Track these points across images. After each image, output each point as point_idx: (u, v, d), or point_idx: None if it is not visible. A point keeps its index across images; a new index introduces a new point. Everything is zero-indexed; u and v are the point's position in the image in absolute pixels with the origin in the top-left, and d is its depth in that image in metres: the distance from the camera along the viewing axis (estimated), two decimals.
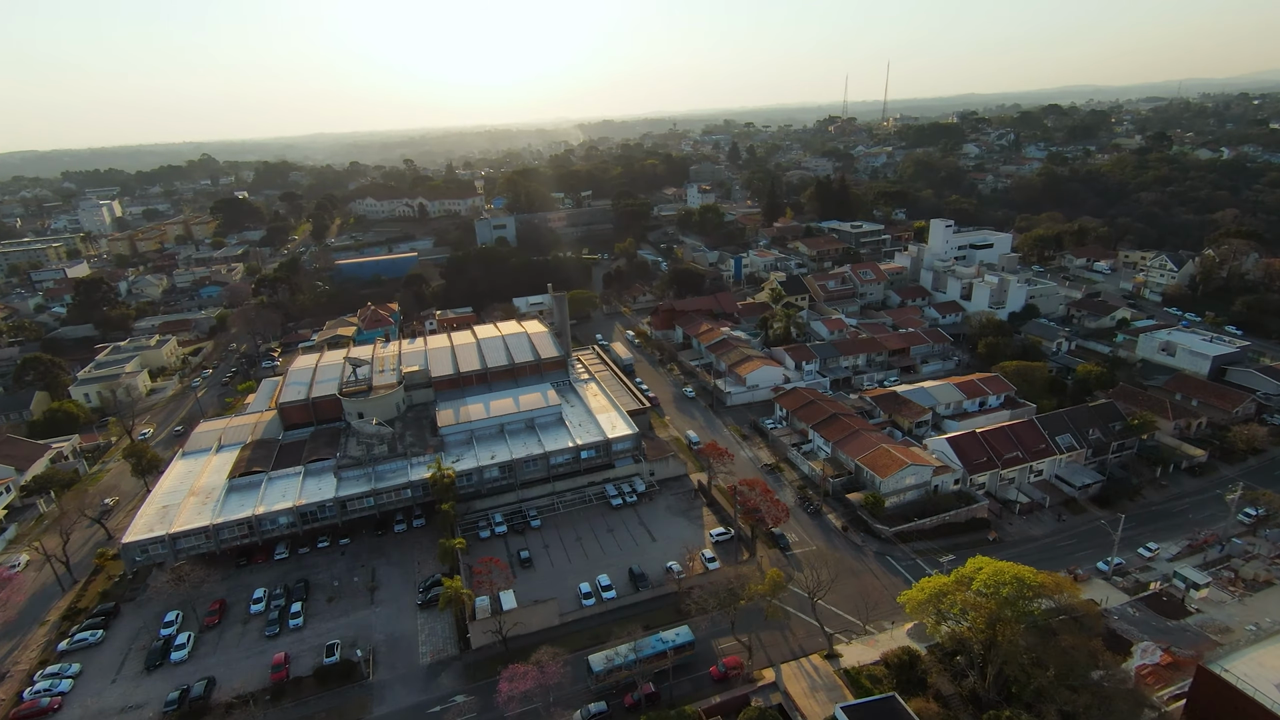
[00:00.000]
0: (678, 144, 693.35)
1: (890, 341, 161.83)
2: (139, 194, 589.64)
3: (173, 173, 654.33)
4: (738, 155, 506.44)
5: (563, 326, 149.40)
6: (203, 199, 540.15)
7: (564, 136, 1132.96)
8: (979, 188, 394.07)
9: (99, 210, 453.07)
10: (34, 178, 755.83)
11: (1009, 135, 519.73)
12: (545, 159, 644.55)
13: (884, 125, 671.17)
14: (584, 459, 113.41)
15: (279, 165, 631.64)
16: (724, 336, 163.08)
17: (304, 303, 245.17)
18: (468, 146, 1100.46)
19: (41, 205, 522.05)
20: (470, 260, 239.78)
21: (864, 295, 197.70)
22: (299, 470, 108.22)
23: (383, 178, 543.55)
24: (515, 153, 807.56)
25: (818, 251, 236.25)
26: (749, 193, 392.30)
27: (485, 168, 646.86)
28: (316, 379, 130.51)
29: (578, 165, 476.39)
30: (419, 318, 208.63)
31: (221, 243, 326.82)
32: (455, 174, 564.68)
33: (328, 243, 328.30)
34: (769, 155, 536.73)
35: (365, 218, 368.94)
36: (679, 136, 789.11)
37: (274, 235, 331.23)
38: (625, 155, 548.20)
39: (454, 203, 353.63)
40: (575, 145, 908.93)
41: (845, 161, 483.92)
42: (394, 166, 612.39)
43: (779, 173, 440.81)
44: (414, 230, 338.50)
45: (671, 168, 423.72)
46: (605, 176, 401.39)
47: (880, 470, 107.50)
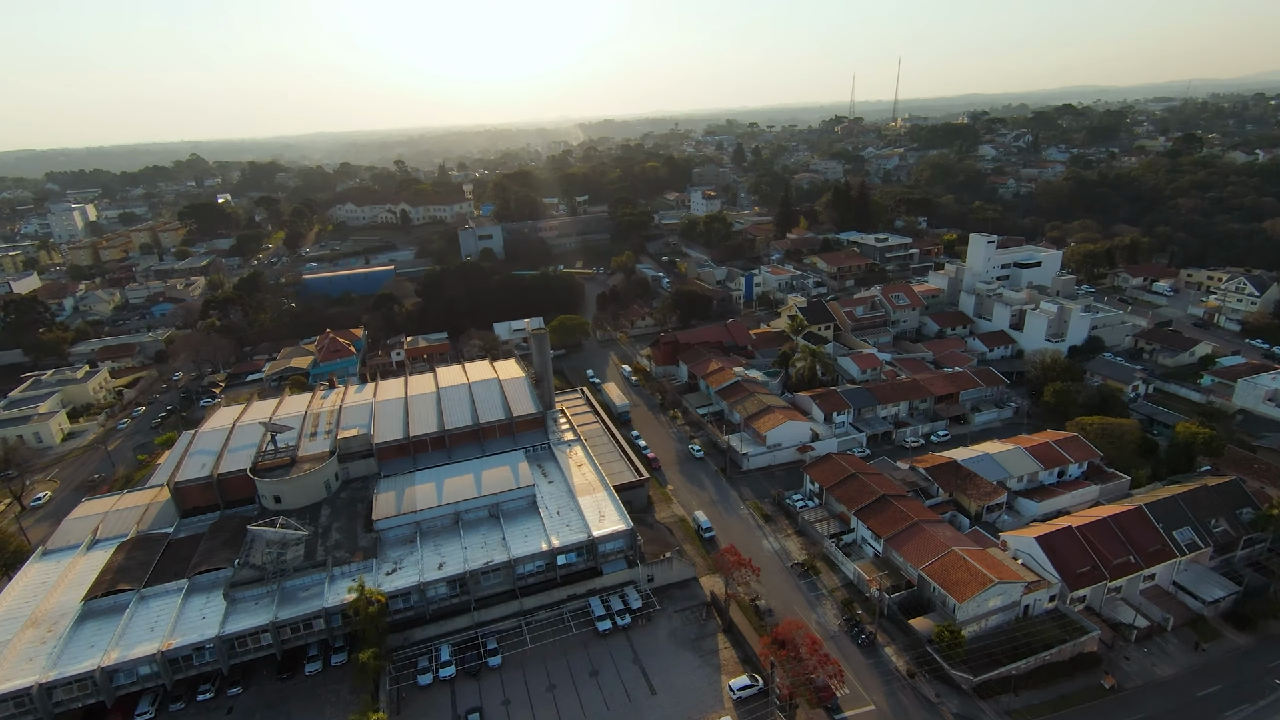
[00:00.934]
0: (679, 144, 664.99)
1: (936, 385, 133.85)
2: (120, 196, 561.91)
3: (157, 173, 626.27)
4: (743, 157, 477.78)
5: (543, 371, 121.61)
6: (184, 202, 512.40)
7: (564, 136, 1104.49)
8: (1000, 192, 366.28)
9: (70, 214, 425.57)
10: (17, 178, 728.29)
11: (1026, 136, 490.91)
12: (543, 160, 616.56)
13: (892, 126, 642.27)
14: (562, 564, 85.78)
15: (266, 166, 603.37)
16: (737, 378, 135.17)
17: (265, 324, 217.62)
18: (467, 146, 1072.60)
19: (15, 208, 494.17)
20: (449, 277, 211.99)
21: (897, 323, 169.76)
22: (181, 586, 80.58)
23: (372, 179, 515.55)
24: (513, 153, 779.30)
25: (838, 268, 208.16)
26: (756, 198, 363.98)
27: (480, 169, 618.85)
28: (230, 445, 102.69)
29: (574, 167, 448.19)
30: (385, 346, 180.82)
31: (187, 252, 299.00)
32: (448, 175, 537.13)
33: (302, 252, 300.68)
34: (775, 157, 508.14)
35: (345, 225, 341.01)
36: (681, 137, 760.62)
37: (245, 244, 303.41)
38: (625, 157, 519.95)
39: (440, 209, 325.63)
40: (575, 145, 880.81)
41: (856, 164, 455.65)
42: (385, 168, 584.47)
43: (787, 176, 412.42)
44: (397, 239, 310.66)
45: (673, 170, 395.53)
46: (603, 180, 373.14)
47: (955, 589, 79.71)
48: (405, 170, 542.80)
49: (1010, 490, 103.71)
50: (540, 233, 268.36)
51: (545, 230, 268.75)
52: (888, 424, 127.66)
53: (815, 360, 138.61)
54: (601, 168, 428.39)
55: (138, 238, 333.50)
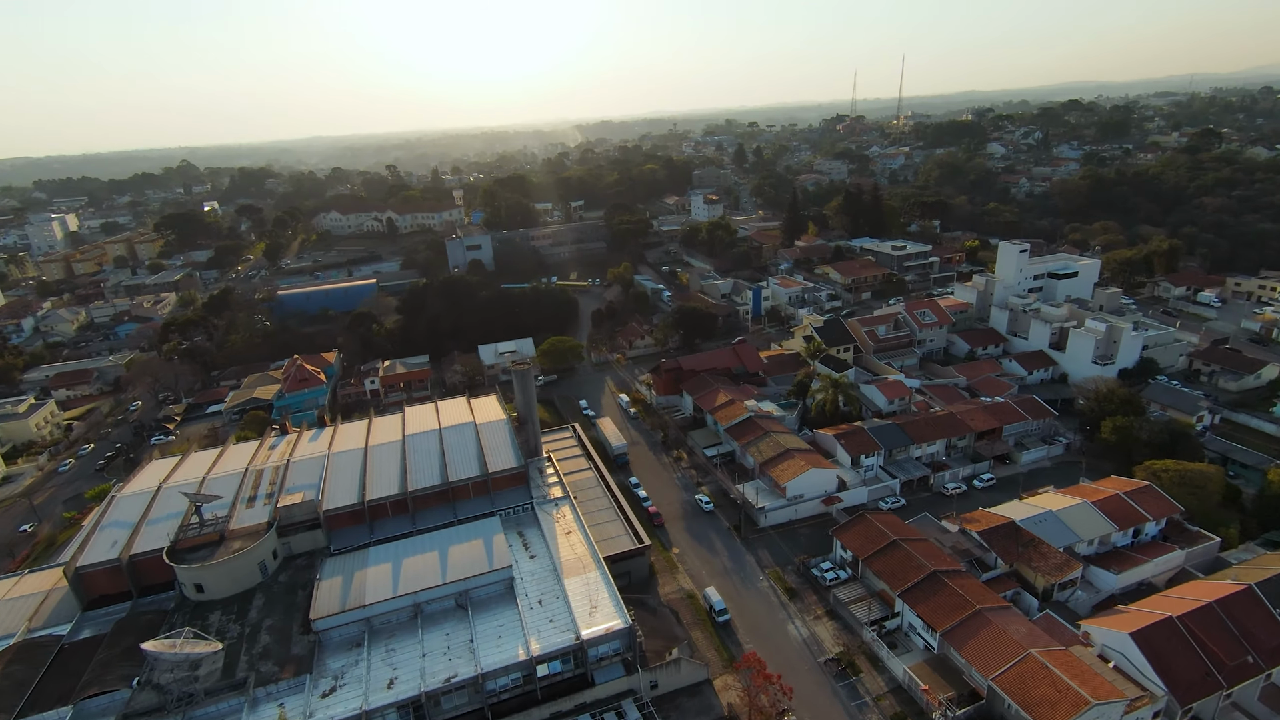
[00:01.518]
0: (678, 146, 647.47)
1: (976, 419, 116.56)
2: (106, 205, 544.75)
3: (145, 181, 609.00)
4: (744, 158, 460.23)
5: (527, 413, 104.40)
6: (169, 210, 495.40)
7: (561, 138, 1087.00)
8: (1013, 192, 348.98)
9: (49, 225, 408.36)
10: (5, 186, 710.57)
11: (1035, 133, 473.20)
12: (539, 163, 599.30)
13: (896, 124, 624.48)
14: (544, 675, 68.64)
15: (256, 172, 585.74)
16: (749, 414, 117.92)
17: (235, 345, 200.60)
18: (463, 149, 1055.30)
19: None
20: (431, 293, 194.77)
21: (923, 343, 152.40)
22: (63, 717, 63.45)
23: (362, 185, 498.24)
24: (509, 156, 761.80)
25: (852, 279, 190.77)
26: (760, 201, 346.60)
27: (475, 172, 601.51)
28: (150, 514, 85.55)
29: (570, 171, 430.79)
30: (360, 373, 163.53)
31: (160, 265, 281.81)
32: (441, 179, 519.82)
33: (283, 264, 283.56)
34: (777, 157, 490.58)
35: (330, 234, 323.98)
36: (679, 138, 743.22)
37: (223, 256, 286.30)
38: (622, 159, 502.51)
39: (428, 216, 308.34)
40: (573, 147, 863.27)
41: (860, 164, 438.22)
42: (378, 173, 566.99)
43: (790, 177, 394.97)
44: (383, 249, 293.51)
45: (673, 173, 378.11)
46: (599, 184, 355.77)
47: (1040, 710, 62.38)
48: (397, 175, 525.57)
49: (1081, 557, 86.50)
50: (532, 241, 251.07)
51: (538, 239, 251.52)
52: (923, 467, 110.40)
53: (837, 391, 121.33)
54: (598, 171, 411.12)
55: (113, 250, 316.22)
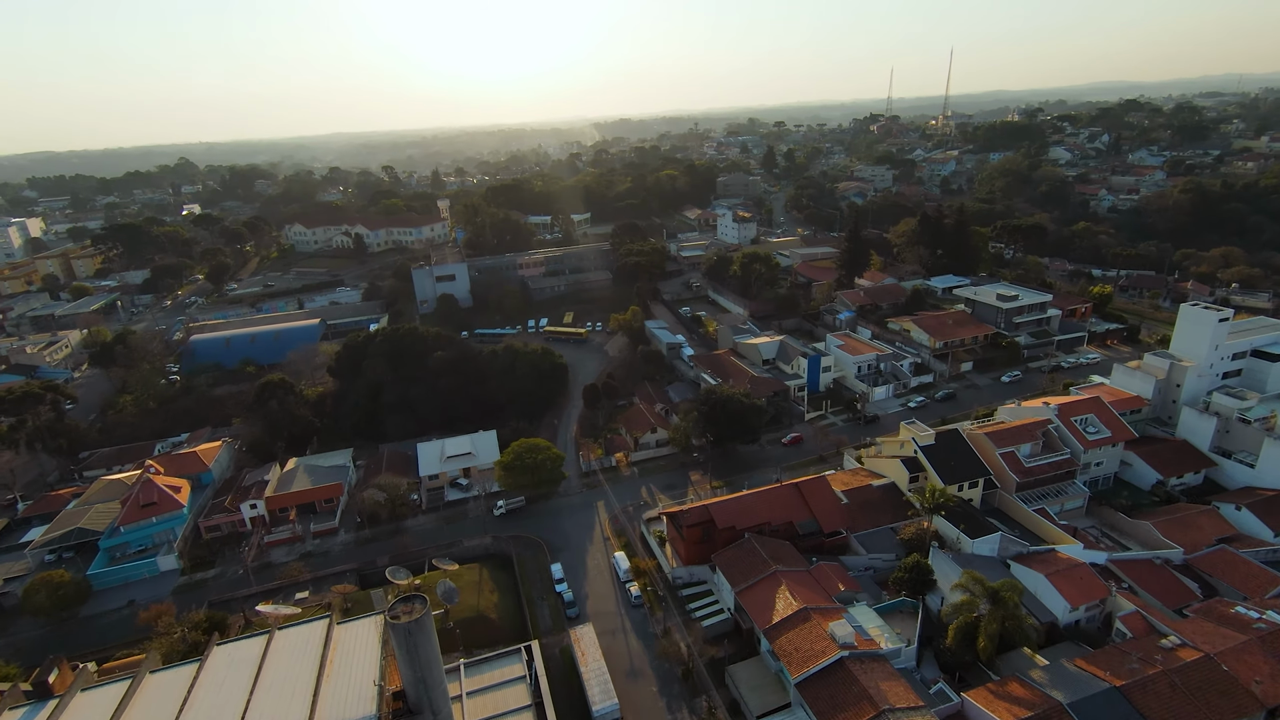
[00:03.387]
0: (699, 146, 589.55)
1: (1267, 679, 60.70)
2: (89, 206, 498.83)
3: (134, 180, 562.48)
4: (774, 161, 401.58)
5: (418, 698, 50.34)
6: (148, 212, 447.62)
7: (578, 136, 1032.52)
8: (1092, 206, 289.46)
9: (7, 230, 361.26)
10: (1, 183, 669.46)
11: (1102, 136, 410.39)
12: (550, 163, 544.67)
13: (936, 125, 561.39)
14: None
15: (247, 171, 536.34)
16: (840, 653, 63.10)
17: (125, 412, 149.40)
18: (478, 147, 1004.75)
19: None
20: (372, 351, 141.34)
21: (1088, 467, 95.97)
22: None
23: (355, 189, 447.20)
24: (521, 155, 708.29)
25: (944, 343, 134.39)
26: (799, 216, 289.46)
27: (481, 173, 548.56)
28: None
29: (578, 177, 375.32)
30: (240, 488, 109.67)
31: (84, 290, 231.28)
32: (443, 181, 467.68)
33: (228, 290, 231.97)
34: (810, 161, 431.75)
35: (295, 250, 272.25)
36: (700, 138, 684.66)
37: (161, 277, 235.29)
38: (638, 162, 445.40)
39: (405, 232, 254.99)
40: (589, 145, 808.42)
41: (904, 169, 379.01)
42: (377, 175, 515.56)
43: (828, 185, 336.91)
44: (349, 271, 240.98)
45: (694, 179, 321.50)
46: (610, 193, 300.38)
47: None
48: (394, 176, 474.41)
49: None
50: (520, 271, 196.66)
51: (527, 268, 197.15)
52: None
53: (997, 610, 65.74)
54: (610, 176, 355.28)
55: (44, 266, 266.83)
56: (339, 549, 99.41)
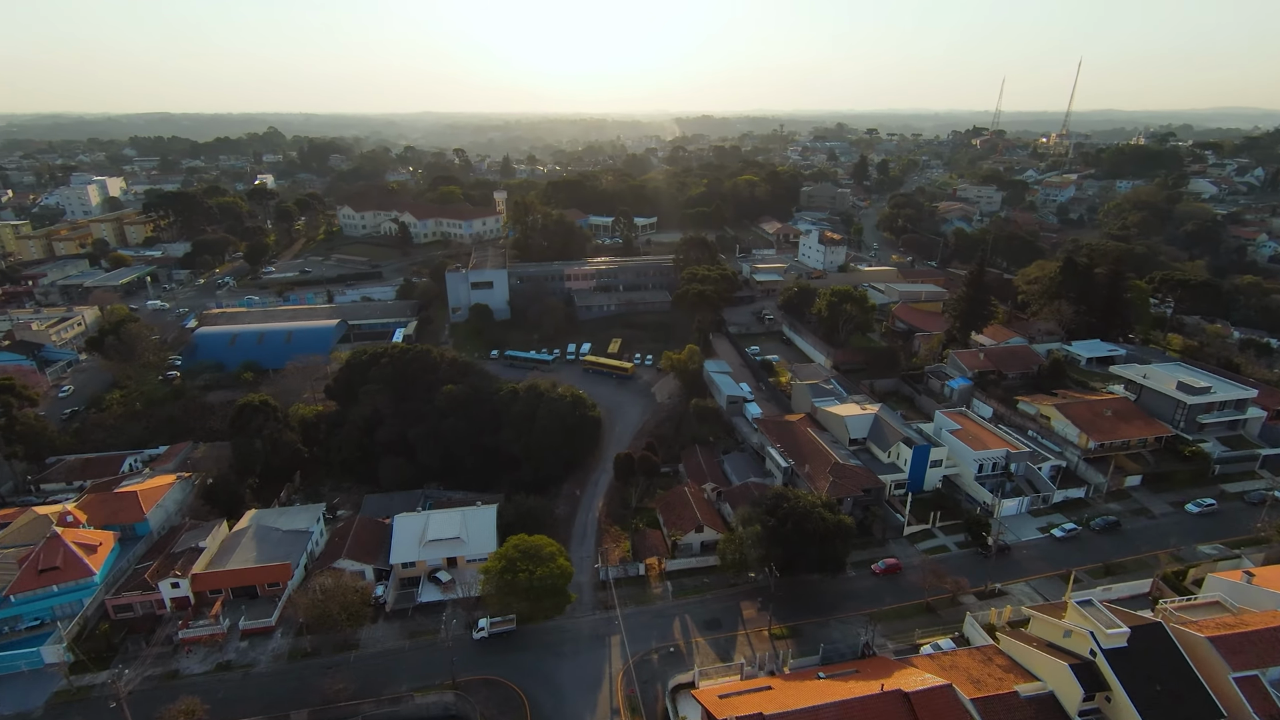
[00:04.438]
0: (782, 150, 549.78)
1: None
2: (176, 168, 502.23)
3: (221, 145, 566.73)
4: (865, 173, 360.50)
5: None
6: (226, 179, 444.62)
7: (658, 130, 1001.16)
8: (1249, 252, 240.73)
9: (86, 188, 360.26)
10: (109, 139, 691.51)
11: (1255, 171, 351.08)
12: (625, 157, 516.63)
13: (1047, 142, 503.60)
14: None
15: (324, 145, 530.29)
16: None
17: (110, 413, 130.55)
18: (558, 135, 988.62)
19: (54, 173, 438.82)
20: (370, 376, 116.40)
21: None
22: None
23: (424, 171, 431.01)
24: (597, 146, 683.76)
25: (1101, 444, 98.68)
26: (892, 238, 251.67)
27: (554, 162, 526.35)
28: None
29: (648, 175, 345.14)
30: (166, 558, 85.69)
31: (122, 260, 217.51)
32: (513, 168, 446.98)
33: (265, 273, 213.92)
34: (905, 174, 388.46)
35: (343, 234, 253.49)
36: (784, 140, 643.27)
37: (202, 252, 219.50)
38: (716, 162, 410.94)
39: (454, 224, 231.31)
40: (667, 140, 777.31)
41: (1014, 191, 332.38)
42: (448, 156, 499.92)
43: (927, 204, 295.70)
44: (392, 263, 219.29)
45: (776, 188, 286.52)
46: (682, 196, 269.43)
47: None
48: (465, 160, 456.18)
49: None
50: (567, 283, 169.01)
51: (575, 280, 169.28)
52: None
53: None
54: (683, 177, 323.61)
55: (98, 230, 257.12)
56: (267, 664, 73.97)
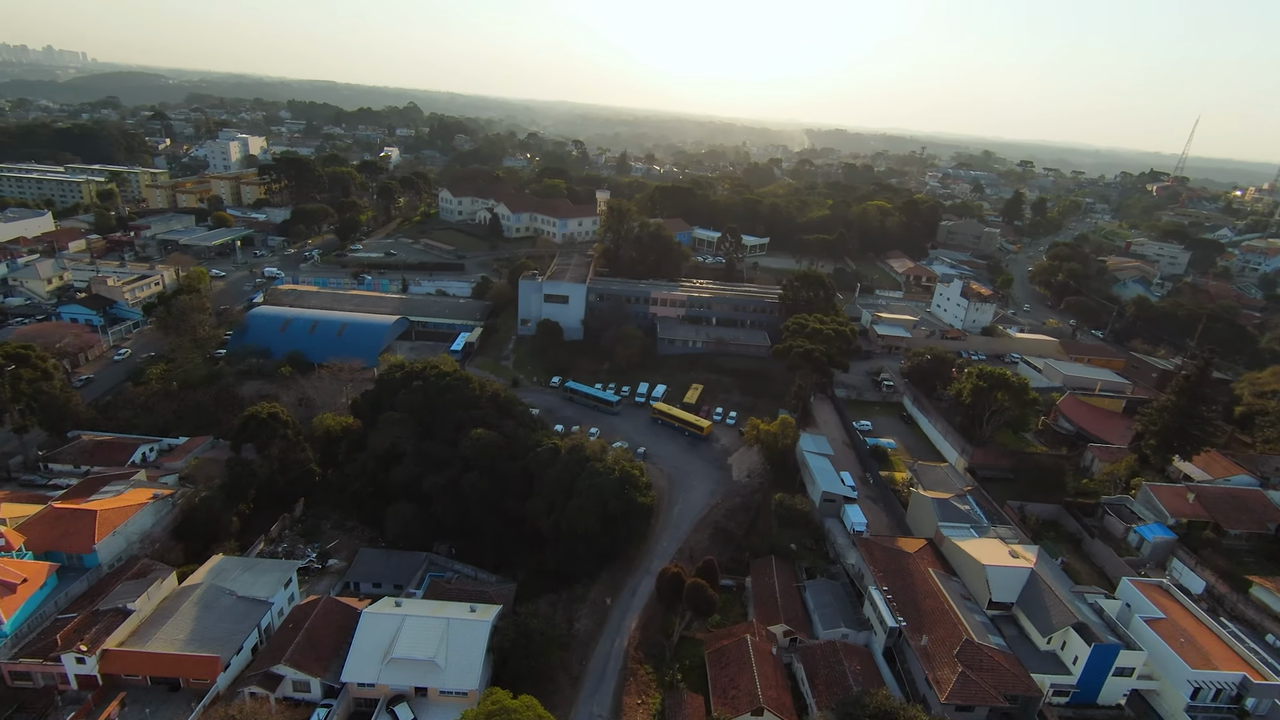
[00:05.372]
0: (919, 175, 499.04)
1: None
2: (318, 133, 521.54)
3: (362, 116, 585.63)
4: (1018, 211, 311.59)
5: None
6: (356, 148, 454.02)
7: (786, 140, 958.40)
8: None
9: (229, 145, 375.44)
10: (272, 101, 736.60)
11: None
12: (747, 165, 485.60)
13: (1243, 197, 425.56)
14: None
15: (450, 124, 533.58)
16: None
17: (148, 388, 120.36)
18: (684, 135, 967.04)
19: (211, 128, 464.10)
20: (394, 403, 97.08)
21: None
22: None
23: (542, 159, 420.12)
24: (721, 151, 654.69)
25: None
26: (1048, 294, 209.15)
27: (673, 163, 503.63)
28: None
29: (767, 188, 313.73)
30: (88, 617, 68.82)
31: (225, 221, 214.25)
32: (629, 165, 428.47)
33: (351, 251, 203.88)
34: (1064, 217, 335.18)
35: (439, 218, 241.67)
36: (921, 164, 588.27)
37: (298, 222, 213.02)
38: (844, 182, 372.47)
39: (548, 221, 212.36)
40: (794, 151, 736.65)
41: (1204, 253, 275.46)
42: (568, 146, 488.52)
43: (1095, 257, 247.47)
44: (478, 255, 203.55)
45: (911, 219, 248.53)
46: (802, 217, 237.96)
47: None
48: (583, 152, 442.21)
49: None
50: (652, 307, 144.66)
51: (661, 305, 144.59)
52: None
53: None
54: (805, 195, 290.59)
55: (217, 186, 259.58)
56: None
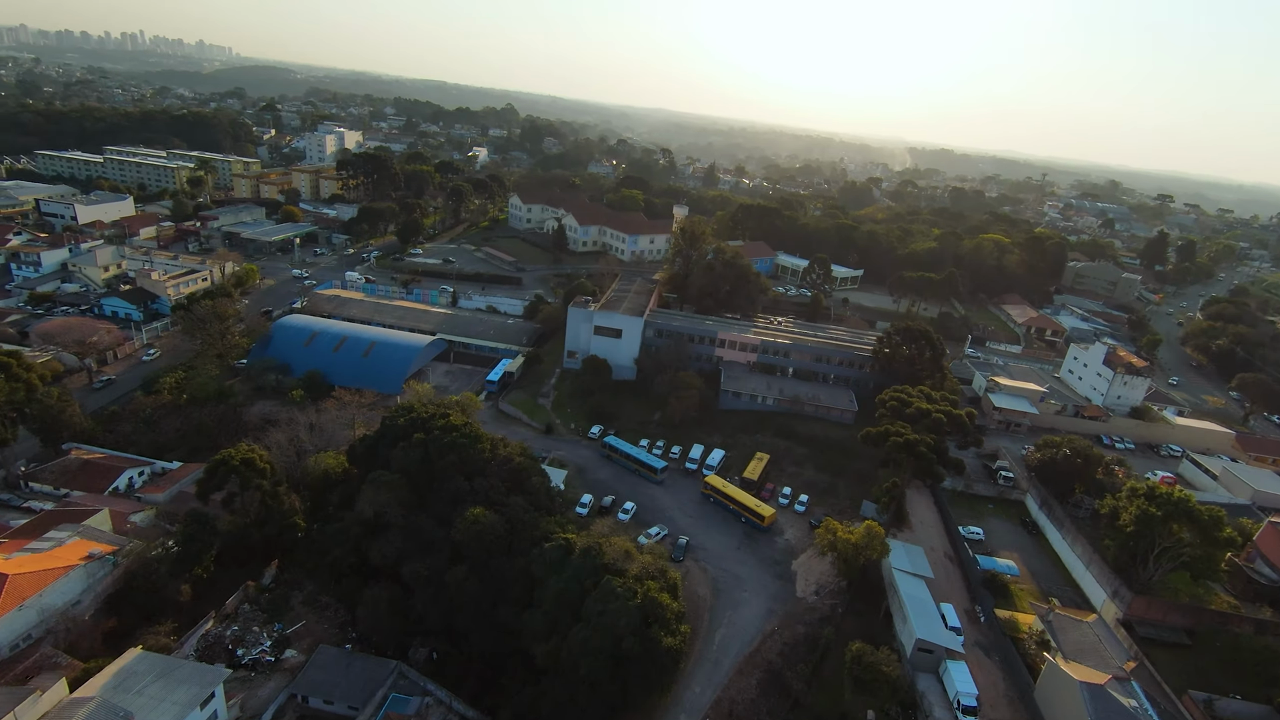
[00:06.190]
0: (1037, 204, 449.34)
1: None
2: (416, 130, 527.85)
3: (460, 115, 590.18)
4: (1161, 254, 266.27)
5: None
6: (448, 147, 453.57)
7: (887, 157, 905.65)
8: None
9: (325, 138, 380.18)
10: (379, 98, 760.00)
11: None
12: (843, 183, 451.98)
13: None
14: None
15: (542, 126, 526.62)
16: None
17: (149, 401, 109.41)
18: (778, 148, 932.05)
19: (315, 121, 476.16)
20: (388, 460, 79.23)
21: None
22: None
23: (628, 166, 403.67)
24: (816, 166, 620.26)
25: None
26: (1210, 367, 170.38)
27: (762, 178, 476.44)
28: None
29: (866, 210, 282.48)
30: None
31: (293, 214, 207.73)
32: (717, 177, 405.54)
33: (411, 255, 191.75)
34: (1216, 263, 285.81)
35: (507, 224, 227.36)
36: (1038, 191, 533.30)
37: (361, 221, 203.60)
38: (952, 209, 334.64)
39: (617, 236, 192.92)
40: (895, 170, 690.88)
41: None
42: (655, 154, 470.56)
43: (1261, 315, 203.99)
44: (537, 268, 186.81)
45: (1032, 257, 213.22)
46: (903, 248, 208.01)
47: None
48: (671, 161, 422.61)
49: None
50: (718, 350, 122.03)
51: (727, 348, 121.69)
52: None
53: None
54: (908, 222, 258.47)
55: (298, 179, 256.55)
56: None
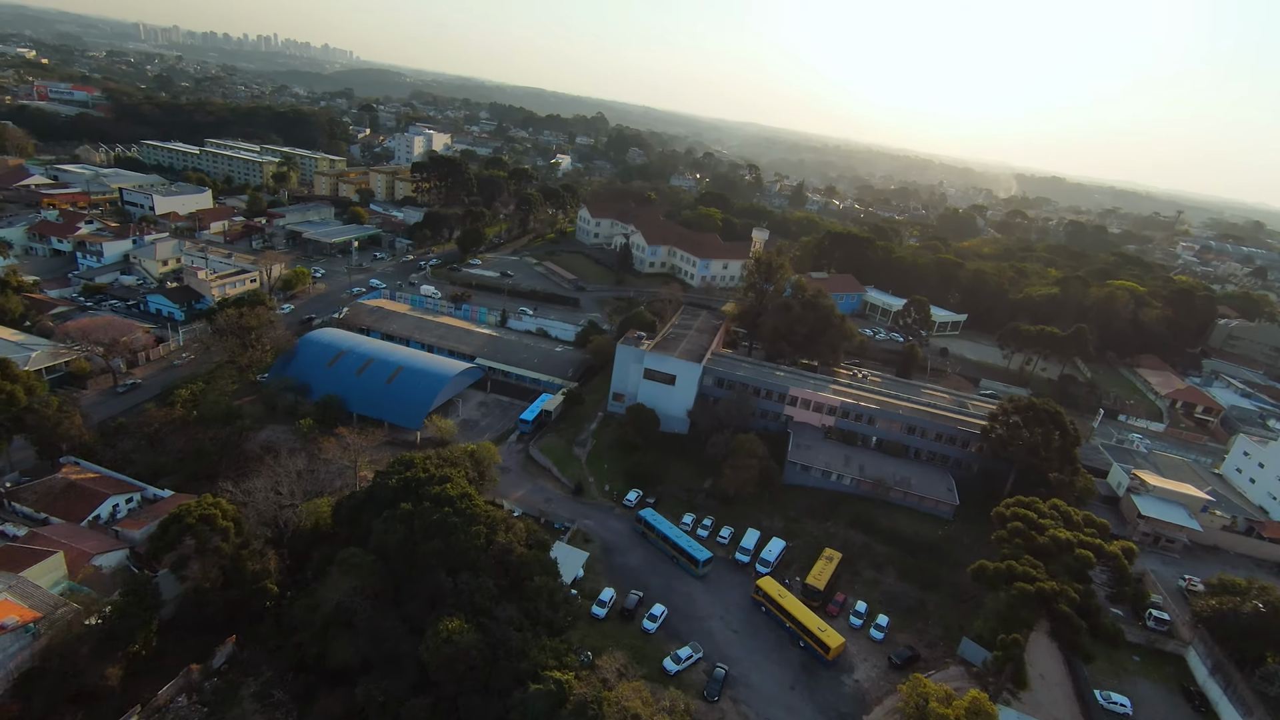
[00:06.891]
0: (1167, 244, 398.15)
1: None
2: (504, 134, 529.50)
3: (549, 121, 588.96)
4: None
5: None
6: (533, 153, 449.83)
7: (990, 183, 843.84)
8: None
9: (413, 139, 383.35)
10: (477, 102, 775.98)
11: None
12: (943, 209, 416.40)
13: None
14: None
15: (629, 135, 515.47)
16: None
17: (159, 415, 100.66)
18: (873, 167, 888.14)
19: (407, 120, 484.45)
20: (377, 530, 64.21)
21: None
22: None
23: (713, 181, 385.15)
24: (913, 189, 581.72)
25: None
26: None
27: (854, 199, 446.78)
28: None
29: (969, 243, 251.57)
30: None
31: (360, 216, 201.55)
32: (805, 197, 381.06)
33: (470, 264, 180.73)
34: None
35: (573, 238, 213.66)
36: (1169, 230, 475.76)
37: (426, 227, 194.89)
38: (1072, 246, 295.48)
39: (687, 259, 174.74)
40: (1000, 198, 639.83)
41: None
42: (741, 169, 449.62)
43: None
44: (597, 288, 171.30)
45: (1177, 311, 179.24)
46: (1016, 291, 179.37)
47: None
48: (757, 176, 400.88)
49: None
50: (788, 407, 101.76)
51: (801, 406, 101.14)
52: None
53: None
54: (1021, 259, 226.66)
55: (374, 179, 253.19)
56: None
